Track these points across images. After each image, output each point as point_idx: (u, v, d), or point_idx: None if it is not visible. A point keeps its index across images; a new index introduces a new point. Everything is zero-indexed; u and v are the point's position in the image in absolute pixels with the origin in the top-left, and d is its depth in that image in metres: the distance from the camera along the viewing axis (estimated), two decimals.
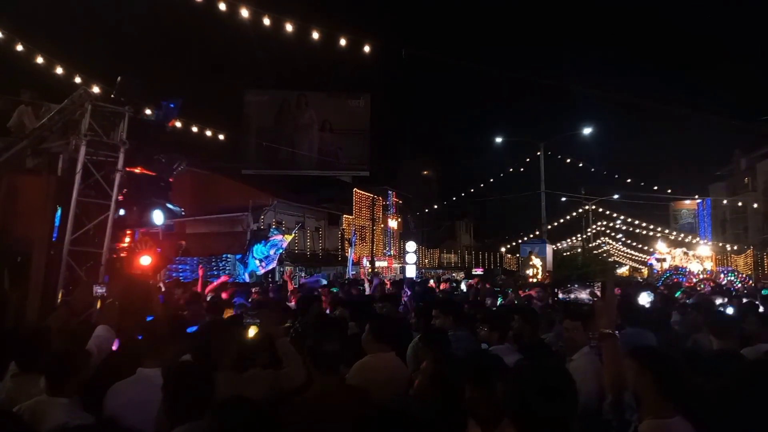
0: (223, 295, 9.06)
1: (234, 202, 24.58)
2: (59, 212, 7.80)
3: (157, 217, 9.98)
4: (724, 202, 45.57)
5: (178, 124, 13.26)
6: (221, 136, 16.03)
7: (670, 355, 2.46)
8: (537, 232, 32.00)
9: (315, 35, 10.35)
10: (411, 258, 31.98)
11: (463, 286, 14.26)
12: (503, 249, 51.60)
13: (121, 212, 9.00)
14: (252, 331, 3.68)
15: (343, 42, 10.32)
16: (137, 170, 9.71)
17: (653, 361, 2.14)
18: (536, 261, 24.87)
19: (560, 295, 8.74)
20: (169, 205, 10.06)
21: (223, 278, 11.01)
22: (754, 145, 47.81)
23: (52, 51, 11.43)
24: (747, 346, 4.29)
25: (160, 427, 2.48)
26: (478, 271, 38.70)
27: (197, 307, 6.86)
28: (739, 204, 42.66)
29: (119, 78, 9.08)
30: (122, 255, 9.47)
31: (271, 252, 18.69)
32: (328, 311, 6.89)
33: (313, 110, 30.67)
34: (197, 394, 2.31)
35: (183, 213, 10.81)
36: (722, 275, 21.44)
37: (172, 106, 9.15)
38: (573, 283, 10.50)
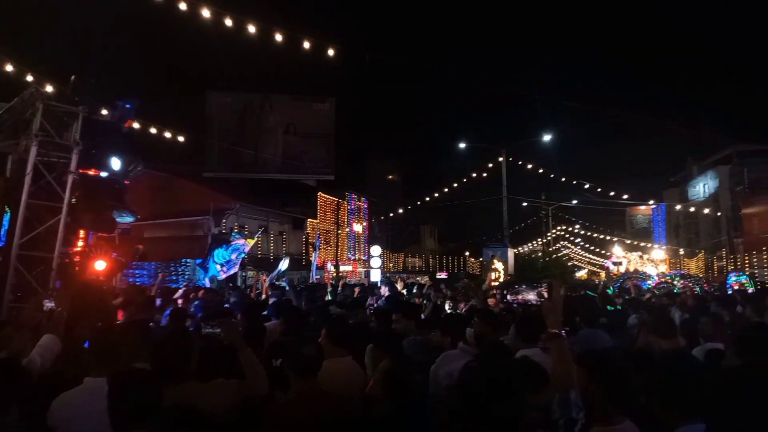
0: (180, 303, 8.85)
1: (195, 206, 24.09)
2: (8, 215, 7.51)
3: (114, 223, 9.70)
4: (677, 207, 47.30)
5: (136, 125, 12.92)
6: (181, 138, 15.72)
7: (618, 361, 2.50)
8: (499, 236, 32.54)
9: (278, 37, 10.28)
10: (376, 262, 32.00)
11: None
12: (467, 253, 52.21)
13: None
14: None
15: (307, 45, 10.29)
16: (91, 172, 9.43)
17: (601, 367, 2.16)
18: (498, 265, 25.28)
19: (508, 297, 8.90)
20: (124, 210, 9.82)
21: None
22: (706, 152, 49.89)
23: (1, 48, 10.99)
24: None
25: None
26: (443, 275, 39.01)
27: (150, 312, 6.68)
28: (692, 209, 44.34)
29: (73, 77, 8.82)
30: (75, 259, 9.16)
31: (233, 256, 18.38)
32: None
33: (277, 113, 30.38)
34: (141, 402, 2.24)
35: (138, 217, 10.52)
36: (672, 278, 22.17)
37: (128, 106, 8.94)
38: (521, 284, 10.71)
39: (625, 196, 32.28)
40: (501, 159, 29.39)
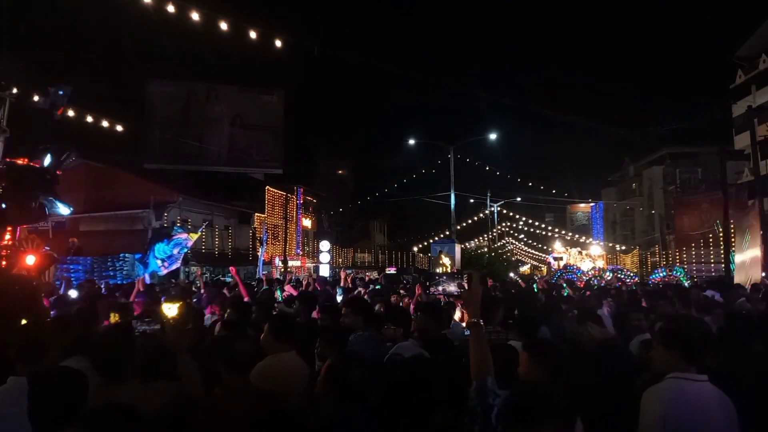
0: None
1: (134, 199, 23.15)
2: None
3: (45, 214, 9.20)
4: (614, 205, 49.48)
5: (70, 113, 12.27)
6: (119, 127, 15.04)
7: (559, 348, 2.60)
8: (447, 232, 33.02)
9: (224, 26, 9.99)
10: (325, 257, 31.80)
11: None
12: (416, 248, 52.73)
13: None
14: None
15: (253, 35, 10.05)
16: (20, 161, 8.89)
17: (543, 354, 2.23)
18: (446, 260, 25.65)
19: (431, 289, 9.02)
20: (57, 201, 9.31)
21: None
22: (642, 153, 52.49)
23: None
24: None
25: None
26: (392, 270, 39.21)
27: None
28: (627, 207, 46.55)
29: None
30: (2, 254, 8.63)
31: (175, 251, 17.79)
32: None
33: (223, 104, 29.62)
34: (63, 403, 2.13)
35: (72, 210, 9.99)
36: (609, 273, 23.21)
37: (61, 92, 8.46)
38: (441, 276, 10.89)
39: (566, 194, 33.47)
40: (449, 156, 29.79)
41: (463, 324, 5.37)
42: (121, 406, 2.15)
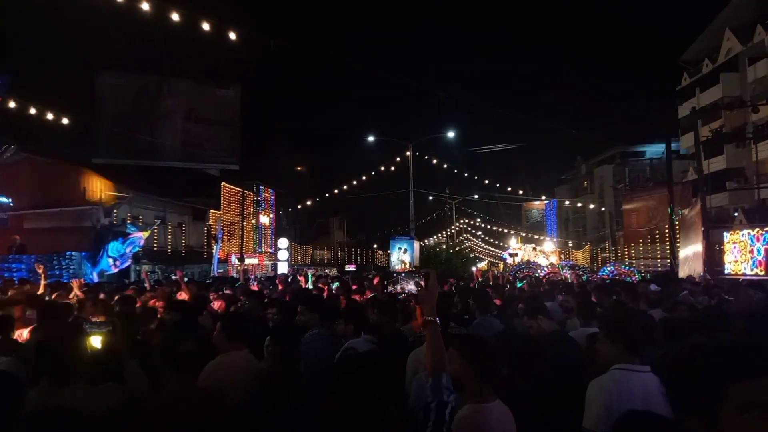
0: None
1: (82, 195, 22.26)
2: None
3: None
4: (567, 203, 50.92)
5: (12, 104, 11.68)
6: (65, 120, 14.40)
7: (488, 344, 2.64)
8: (406, 229, 33.20)
9: (175, 17, 9.68)
10: (283, 255, 31.44)
11: None
12: (375, 245, 52.80)
13: None
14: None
15: (206, 27, 9.79)
16: None
17: (472, 350, 2.27)
18: (404, 257, 25.81)
19: (389, 288, 9.09)
20: None
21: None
22: (593, 152, 54.18)
23: None
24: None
25: None
26: (351, 268, 39.16)
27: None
28: (579, 205, 47.98)
29: None
30: None
31: (127, 250, 17.29)
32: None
33: (176, 97, 28.80)
34: None
35: (11, 203, 9.52)
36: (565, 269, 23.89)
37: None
38: (399, 274, 10.98)
39: (521, 192, 34.18)
40: (408, 153, 29.94)
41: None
42: (63, 408, 2.07)
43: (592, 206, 43.71)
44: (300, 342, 3.78)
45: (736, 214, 28.90)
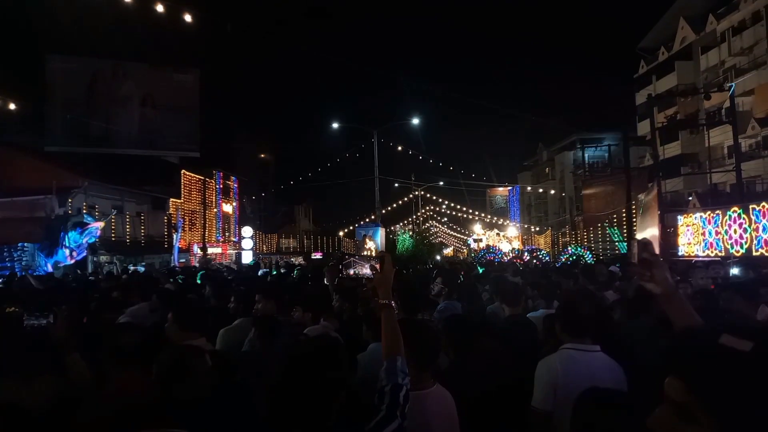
0: None
1: (34, 183, 21.34)
2: None
3: None
4: (529, 189, 51.83)
5: None
6: (12, 105, 13.77)
7: (424, 328, 2.65)
8: (372, 216, 33.20)
9: None
10: (247, 243, 31.03)
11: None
12: (341, 233, 52.64)
13: None
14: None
15: (160, 8, 9.45)
16: None
17: (407, 335, 2.26)
18: (370, 244, 25.85)
19: (344, 272, 9.08)
20: None
21: None
22: (554, 139, 55.20)
23: None
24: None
25: None
26: (318, 255, 38.99)
27: None
28: (541, 191, 48.87)
29: None
30: None
31: (84, 240, 16.77)
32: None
33: (132, 82, 27.86)
34: None
35: None
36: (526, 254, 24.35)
37: None
38: (353, 257, 10.96)
39: (484, 178, 34.60)
40: (373, 140, 29.85)
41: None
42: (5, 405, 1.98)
43: (553, 192, 44.61)
44: (280, 333, 3.72)
45: (689, 198, 29.99)
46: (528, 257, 22.55)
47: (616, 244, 25.05)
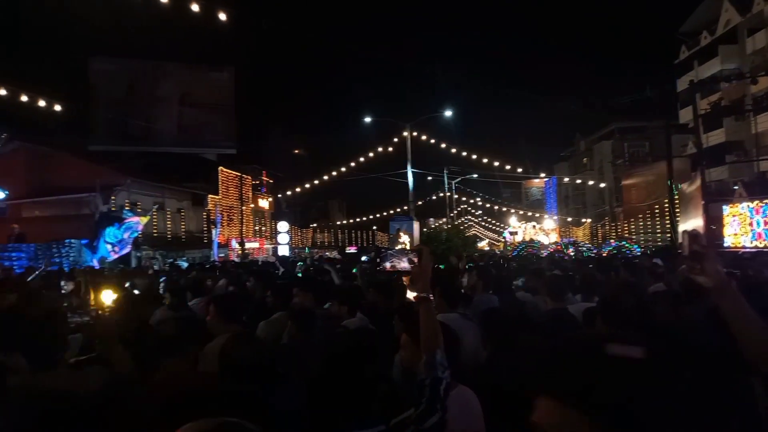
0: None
1: (80, 182, 22.17)
2: None
3: None
4: (566, 180, 50.81)
5: (2, 92, 11.57)
6: (58, 107, 14.28)
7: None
8: (405, 209, 33.17)
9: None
10: (283, 238, 31.47)
11: None
12: (375, 227, 52.78)
13: None
14: None
15: (195, 8, 9.64)
16: None
17: (407, 323, 2.23)
18: (404, 237, 25.84)
19: (380, 265, 9.03)
20: None
21: None
22: (592, 128, 53.88)
23: None
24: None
25: None
26: (352, 249, 39.24)
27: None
28: (579, 182, 47.81)
29: None
30: None
31: (125, 235, 17.28)
32: None
33: (171, 82, 28.55)
34: None
35: (6, 194, 9.50)
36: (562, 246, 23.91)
37: None
38: (391, 251, 10.89)
39: (520, 170, 34.04)
40: (405, 134, 29.75)
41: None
42: (48, 391, 2.07)
43: (591, 183, 43.57)
44: (316, 325, 3.78)
45: (735, 187, 28.84)
46: (570, 250, 22.09)
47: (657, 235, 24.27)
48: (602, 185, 43.95)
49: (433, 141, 31.47)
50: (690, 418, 0.77)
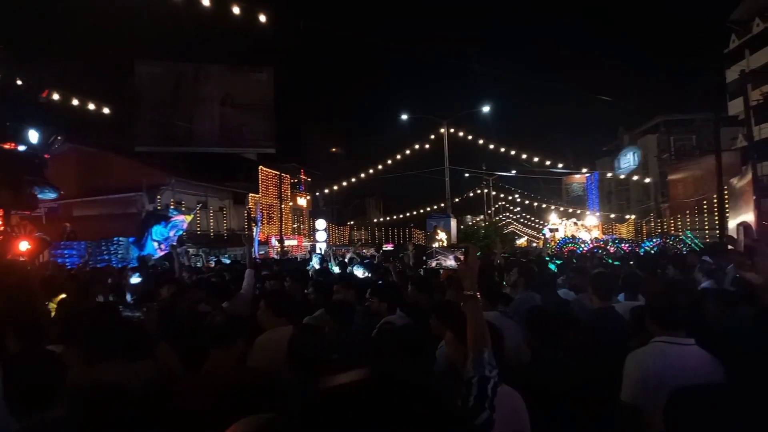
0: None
1: (127, 182, 22.99)
2: None
3: (36, 200, 9.13)
4: (609, 175, 49.47)
5: (56, 96, 12.08)
6: (106, 110, 14.83)
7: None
8: (442, 206, 33.02)
9: (206, 1, 9.76)
10: (321, 236, 31.79)
11: None
12: (412, 224, 52.70)
13: None
14: None
15: (236, 11, 9.84)
16: (7, 146, 8.79)
17: (452, 321, 2.21)
18: (442, 235, 25.74)
19: (427, 263, 8.98)
20: (45, 190, 9.24)
21: None
22: (636, 122, 52.27)
23: None
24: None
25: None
26: (389, 247, 39.31)
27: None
28: (622, 177, 46.46)
29: None
30: None
31: (171, 233, 17.80)
32: None
33: (212, 84, 29.22)
34: (37, 385, 2.13)
35: (61, 193, 9.91)
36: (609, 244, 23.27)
37: None
38: (438, 249, 10.81)
39: (561, 165, 33.37)
40: (442, 130, 29.60)
41: None
42: (107, 383, 2.17)
43: (635, 178, 42.30)
44: (356, 320, 3.83)
45: None
46: (613, 248, 21.48)
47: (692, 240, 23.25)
48: (647, 180, 42.62)
49: (470, 137, 31.22)
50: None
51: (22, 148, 8.91)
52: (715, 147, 18.77)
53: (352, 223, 51.51)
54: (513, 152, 31.62)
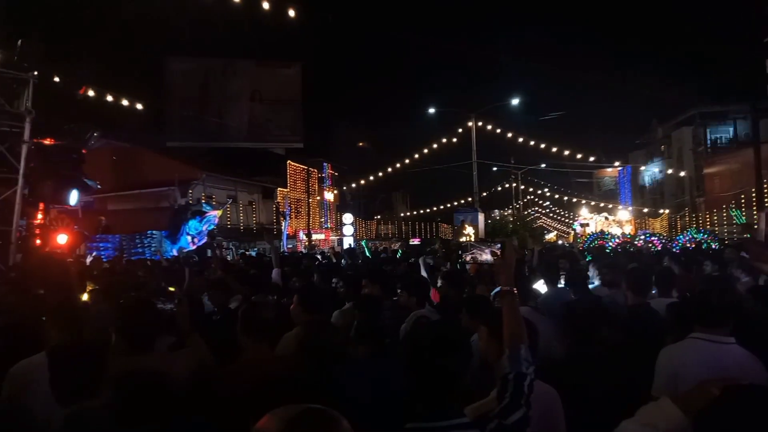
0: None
1: (159, 177, 23.48)
2: None
3: (73, 197, 9.39)
4: (642, 168, 48.33)
5: (91, 93, 12.39)
6: (139, 106, 15.16)
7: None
8: (470, 200, 32.79)
9: None
10: (348, 230, 31.95)
11: None
12: (439, 219, 52.47)
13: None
14: None
15: (266, 5, 9.92)
16: (47, 141, 9.07)
17: (485, 316, 2.19)
18: (469, 229, 25.60)
19: (463, 257, 8.88)
20: (85, 181, 9.49)
21: None
22: (670, 114, 50.86)
23: None
24: None
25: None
26: (416, 241, 39.26)
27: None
28: (656, 170, 45.35)
29: (20, 41, 8.36)
30: (36, 232, 8.88)
31: (204, 228, 18.19)
32: None
33: (241, 79, 29.55)
34: (81, 374, 2.20)
35: (99, 187, 10.18)
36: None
37: None
38: (474, 243, 10.72)
39: (592, 159, 32.76)
40: (470, 124, 29.35)
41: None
42: (150, 373, 2.22)
43: (670, 171, 41.23)
44: (383, 313, 3.86)
45: None
46: (638, 241, 21.02)
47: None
48: (682, 174, 41.51)
49: (498, 130, 30.86)
50: None
51: (60, 143, 9.17)
52: (753, 139, 18.15)
53: (378, 217, 51.53)
54: (542, 145, 31.17)
